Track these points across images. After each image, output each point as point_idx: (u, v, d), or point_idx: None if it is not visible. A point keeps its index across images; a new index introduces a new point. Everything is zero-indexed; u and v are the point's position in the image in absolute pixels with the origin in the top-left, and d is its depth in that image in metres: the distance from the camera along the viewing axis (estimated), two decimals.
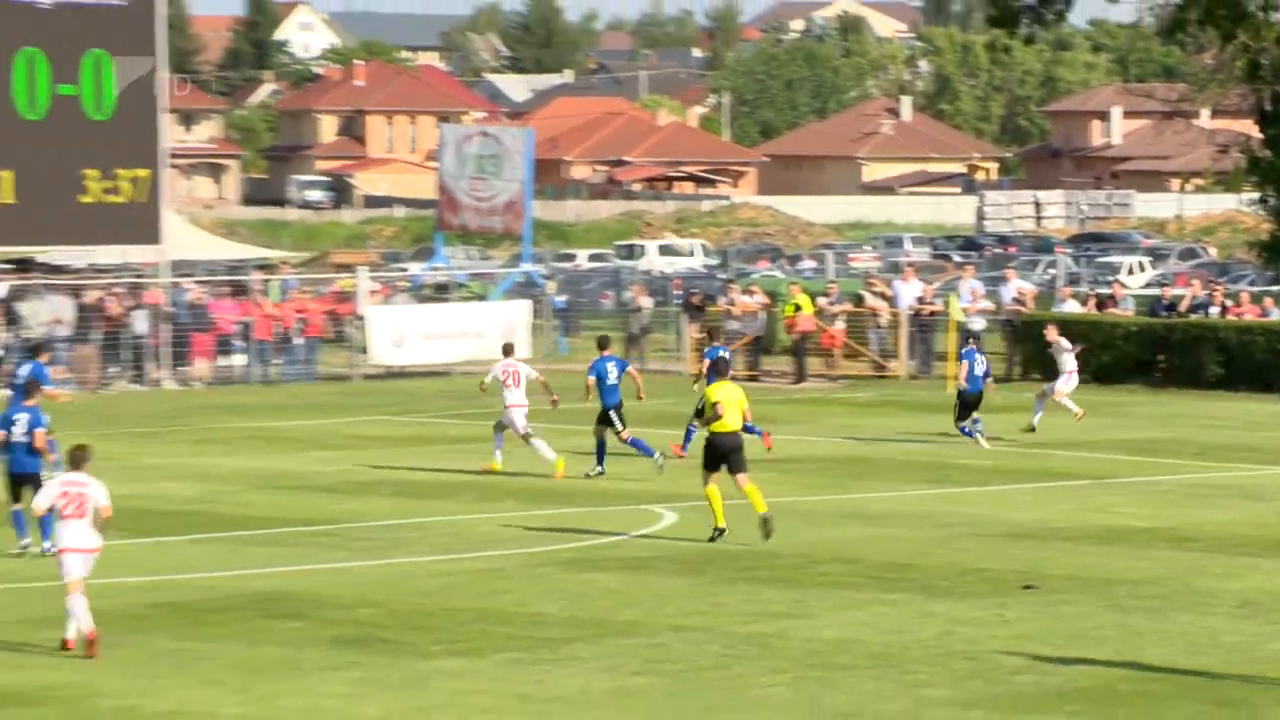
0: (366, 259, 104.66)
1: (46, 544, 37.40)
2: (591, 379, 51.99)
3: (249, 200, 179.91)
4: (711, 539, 41.18)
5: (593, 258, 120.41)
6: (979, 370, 58.08)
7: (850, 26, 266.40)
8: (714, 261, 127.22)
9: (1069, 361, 59.60)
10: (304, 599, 35.79)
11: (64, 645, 30.85)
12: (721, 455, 41.45)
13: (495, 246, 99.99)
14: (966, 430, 58.98)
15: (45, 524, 36.22)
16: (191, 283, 78.59)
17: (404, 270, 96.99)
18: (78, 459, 32.14)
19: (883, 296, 79.64)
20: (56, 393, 48.57)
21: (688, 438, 53.99)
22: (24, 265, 74.36)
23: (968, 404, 58.77)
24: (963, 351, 60.04)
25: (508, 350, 53.85)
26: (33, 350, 53.89)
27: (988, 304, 76.46)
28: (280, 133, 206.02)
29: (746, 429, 45.03)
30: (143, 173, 73.48)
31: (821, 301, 77.14)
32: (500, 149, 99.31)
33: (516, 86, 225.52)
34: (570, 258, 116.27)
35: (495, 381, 52.57)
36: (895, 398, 69.73)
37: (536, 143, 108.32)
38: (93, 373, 71.02)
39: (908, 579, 37.09)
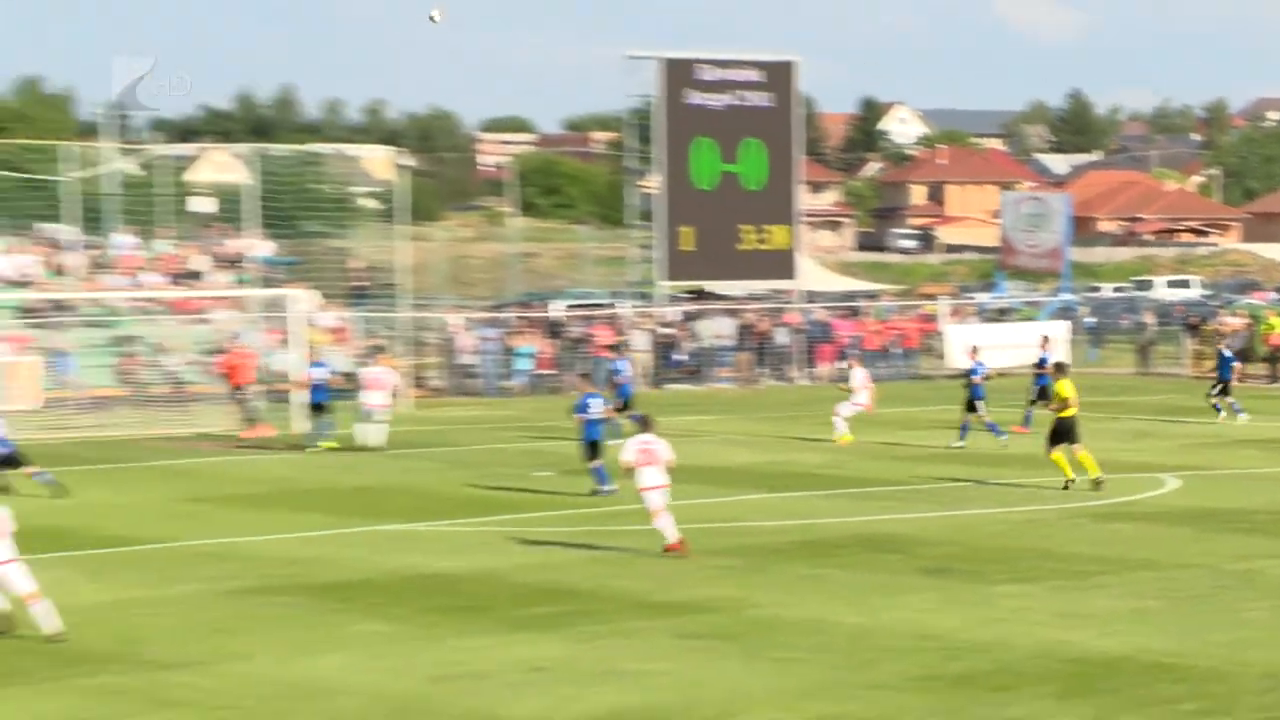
0: (946, 290, 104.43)
1: (606, 487, 39.81)
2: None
3: (860, 247, 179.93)
4: (1065, 487, 42.05)
5: (1115, 289, 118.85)
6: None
7: None
8: (1208, 292, 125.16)
9: None
10: (900, 538, 35.86)
11: (667, 549, 32.97)
12: (1066, 432, 42.25)
13: (1041, 281, 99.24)
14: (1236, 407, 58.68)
15: (600, 472, 39.55)
16: (819, 307, 79.09)
17: (973, 298, 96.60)
18: (647, 423, 34.32)
19: None
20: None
21: (1027, 420, 54.44)
22: (699, 294, 75.31)
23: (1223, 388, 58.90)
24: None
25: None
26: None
27: None
28: (882, 198, 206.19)
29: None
30: (783, 228, 74.32)
31: None
32: (1046, 210, 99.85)
33: (1058, 163, 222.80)
34: (1097, 289, 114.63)
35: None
36: None
37: (1072, 205, 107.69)
38: (747, 373, 71.84)
39: None
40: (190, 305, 63.87)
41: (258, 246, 67.29)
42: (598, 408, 41.60)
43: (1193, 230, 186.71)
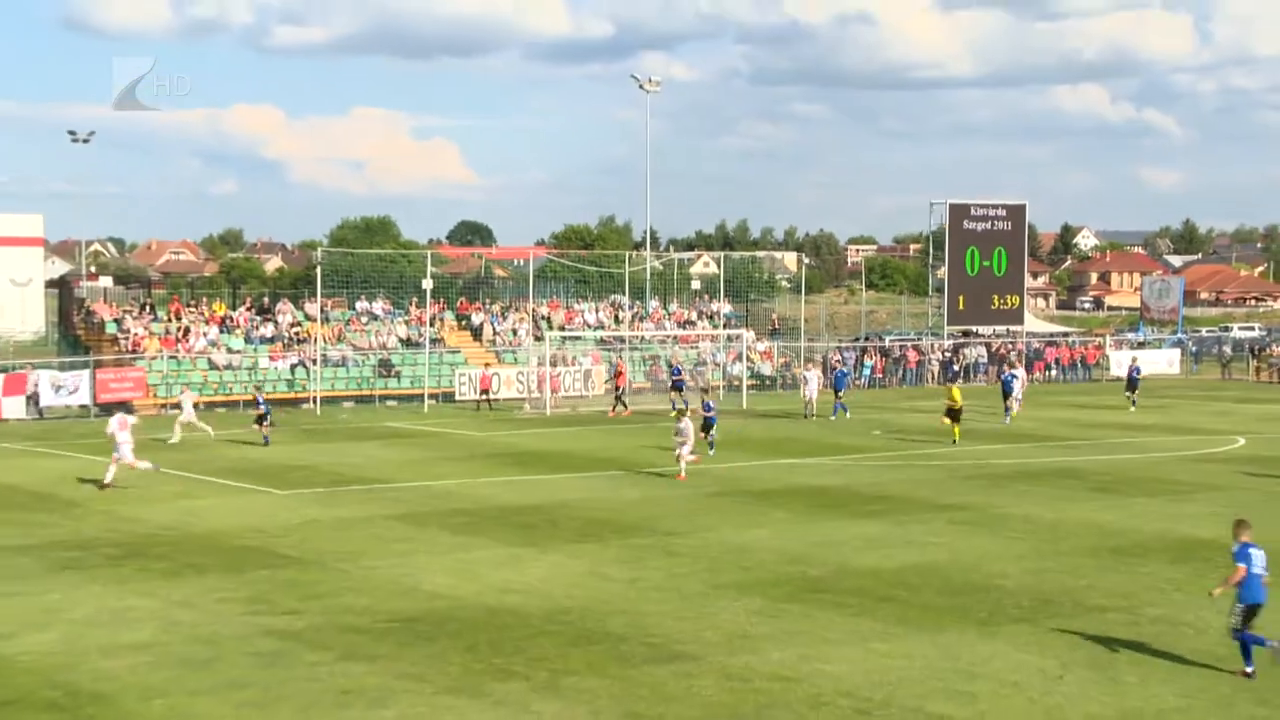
0: (1109, 331, 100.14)
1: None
2: None
3: (1058, 308, 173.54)
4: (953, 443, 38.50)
5: (1207, 331, 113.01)
6: None
7: None
8: (1263, 333, 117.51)
9: None
10: (1078, 470, 34.51)
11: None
12: (956, 414, 40.88)
13: (1165, 327, 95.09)
14: None
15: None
16: (1035, 340, 76.27)
17: (1125, 336, 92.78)
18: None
19: None
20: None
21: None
22: (966, 334, 73.50)
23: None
24: None
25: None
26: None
27: None
28: (1073, 280, 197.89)
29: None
30: (1015, 296, 72.24)
31: None
32: (1168, 287, 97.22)
33: (1176, 261, 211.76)
34: (1198, 331, 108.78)
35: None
36: None
37: (1184, 284, 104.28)
38: (992, 377, 69.97)
39: None
40: (687, 339, 64.28)
41: (724, 307, 67.52)
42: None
43: (1255, 297, 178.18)
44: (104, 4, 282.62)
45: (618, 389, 52.18)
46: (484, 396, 54.15)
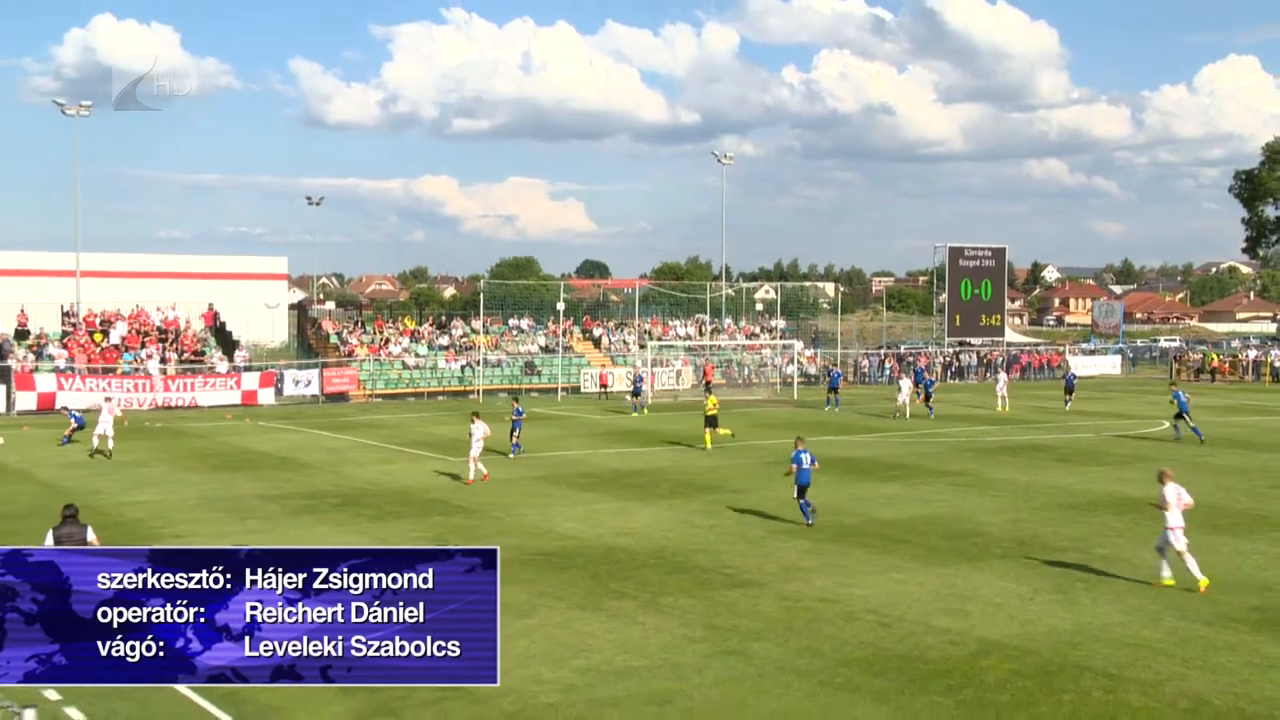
0: (1068, 342, 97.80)
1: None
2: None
3: (1030, 324, 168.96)
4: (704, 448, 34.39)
5: (1140, 342, 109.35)
6: None
7: None
8: (1183, 343, 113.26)
9: None
10: (1046, 445, 33.36)
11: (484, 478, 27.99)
12: (712, 420, 32.62)
13: (1110, 339, 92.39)
14: None
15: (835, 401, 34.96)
16: (1014, 348, 74.34)
17: (1081, 345, 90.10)
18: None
19: None
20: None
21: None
22: (961, 343, 71.98)
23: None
24: None
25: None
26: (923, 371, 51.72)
27: None
28: (1041, 304, 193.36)
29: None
30: (998, 316, 70.81)
31: None
32: (1113, 309, 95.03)
33: (1118, 290, 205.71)
34: (1134, 341, 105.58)
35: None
36: None
37: (1125, 307, 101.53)
38: (981, 377, 68.38)
39: None
40: (753, 347, 63.68)
41: (779, 323, 66.89)
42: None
43: (1176, 317, 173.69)
44: (332, 106, 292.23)
45: (707, 384, 52.06)
46: (602, 390, 54.39)
